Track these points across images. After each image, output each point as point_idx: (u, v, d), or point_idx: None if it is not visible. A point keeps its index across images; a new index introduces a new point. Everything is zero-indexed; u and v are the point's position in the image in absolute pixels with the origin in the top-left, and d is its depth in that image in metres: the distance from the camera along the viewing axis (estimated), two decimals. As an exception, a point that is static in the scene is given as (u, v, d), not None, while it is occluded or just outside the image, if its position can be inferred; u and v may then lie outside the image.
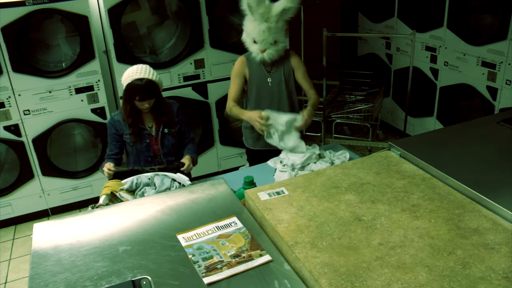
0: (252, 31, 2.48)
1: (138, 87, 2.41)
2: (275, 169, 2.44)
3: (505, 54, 3.39)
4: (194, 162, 2.62)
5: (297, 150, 2.45)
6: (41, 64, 3.49)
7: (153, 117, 2.57)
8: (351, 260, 1.19)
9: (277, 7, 2.43)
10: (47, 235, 1.37)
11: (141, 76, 2.42)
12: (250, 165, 2.83)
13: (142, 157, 2.59)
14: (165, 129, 2.59)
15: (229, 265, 1.20)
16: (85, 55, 3.48)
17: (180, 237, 1.32)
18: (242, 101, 2.83)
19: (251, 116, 2.51)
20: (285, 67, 2.62)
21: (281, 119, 2.48)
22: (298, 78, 2.66)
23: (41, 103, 3.47)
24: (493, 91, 3.55)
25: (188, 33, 3.75)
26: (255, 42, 2.50)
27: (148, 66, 2.49)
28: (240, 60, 2.66)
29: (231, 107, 2.64)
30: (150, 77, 2.44)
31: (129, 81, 2.43)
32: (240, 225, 1.37)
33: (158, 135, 2.58)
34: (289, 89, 2.66)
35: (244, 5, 2.44)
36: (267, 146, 2.72)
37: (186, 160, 2.55)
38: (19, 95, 3.39)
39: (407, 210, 1.41)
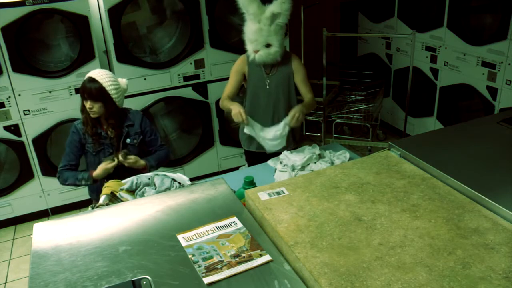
0: (247, 30, 2.50)
1: (83, 87, 2.44)
2: (275, 169, 2.44)
3: (505, 54, 3.39)
4: (146, 166, 2.55)
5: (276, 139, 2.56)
6: (41, 64, 3.49)
7: (108, 126, 2.55)
8: (351, 260, 1.19)
9: (268, 10, 2.43)
10: (47, 235, 1.37)
11: (94, 77, 2.44)
12: (249, 165, 2.83)
13: None
14: (127, 139, 2.57)
15: (229, 265, 1.20)
16: (85, 55, 3.48)
17: (180, 237, 1.32)
18: (241, 101, 2.82)
19: (233, 109, 2.48)
20: (285, 70, 2.61)
21: (267, 133, 2.59)
22: (297, 81, 2.64)
23: (41, 103, 3.47)
24: (493, 91, 3.55)
25: (188, 33, 3.75)
26: (250, 42, 2.51)
27: (111, 75, 2.49)
28: (242, 58, 2.67)
29: (223, 100, 2.64)
30: (101, 81, 2.43)
31: (84, 78, 2.48)
32: (240, 225, 1.37)
33: (119, 146, 2.55)
34: (287, 92, 2.65)
35: (240, 4, 2.46)
36: (258, 148, 2.72)
37: (121, 156, 2.47)
38: (19, 95, 3.39)
39: (407, 210, 1.41)
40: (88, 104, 2.44)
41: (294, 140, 2.76)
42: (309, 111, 2.72)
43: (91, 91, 2.42)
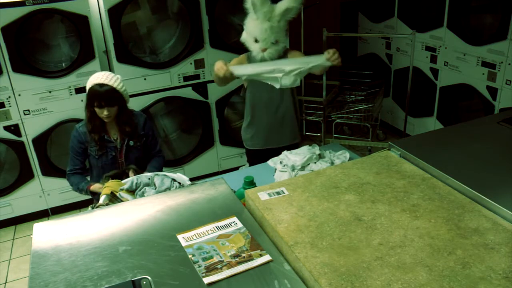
0: (254, 29, 2.48)
1: (98, 93, 2.35)
2: (275, 169, 2.44)
3: (505, 54, 3.39)
4: None
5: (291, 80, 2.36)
6: (41, 64, 3.49)
7: (118, 129, 2.52)
8: (351, 260, 1.19)
9: (280, 7, 2.44)
10: (47, 235, 1.37)
11: (103, 82, 2.37)
12: (250, 165, 2.83)
13: (107, 171, 2.49)
14: (130, 142, 2.54)
15: (229, 265, 1.20)
16: (85, 55, 3.48)
17: (180, 237, 1.32)
18: (242, 100, 2.82)
19: (217, 63, 2.43)
20: None
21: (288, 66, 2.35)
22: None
23: (41, 103, 3.47)
24: (493, 91, 3.55)
25: (188, 33, 3.75)
26: (256, 41, 2.50)
27: (114, 75, 2.45)
28: (242, 55, 2.68)
29: None
30: (112, 84, 2.38)
31: (90, 86, 2.39)
32: (240, 225, 1.37)
33: (122, 148, 2.53)
34: (290, 88, 2.65)
35: (248, 4, 2.45)
36: (264, 145, 2.72)
37: (131, 173, 2.39)
38: (19, 95, 3.39)
39: (407, 210, 1.41)
40: (105, 111, 2.37)
41: (301, 135, 2.77)
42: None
43: (107, 96, 2.35)
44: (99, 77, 2.40)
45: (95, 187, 2.46)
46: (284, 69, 2.34)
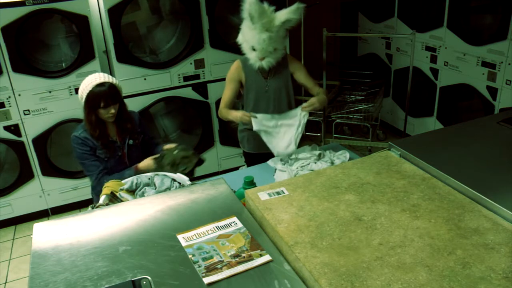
0: (252, 39, 2.42)
1: (102, 93, 2.29)
2: (275, 169, 2.44)
3: (505, 54, 3.39)
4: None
5: (287, 151, 2.47)
6: (41, 64, 3.50)
7: (116, 129, 2.48)
8: (351, 260, 1.19)
9: (279, 17, 2.38)
10: (47, 235, 1.37)
11: (102, 81, 2.32)
12: (248, 166, 2.82)
13: (116, 171, 2.48)
14: (130, 141, 2.51)
15: (229, 265, 1.20)
16: (85, 55, 3.48)
17: (180, 237, 1.32)
18: (238, 106, 2.81)
19: (237, 115, 2.54)
20: (283, 72, 2.60)
21: (283, 120, 2.49)
22: (301, 79, 2.63)
23: (41, 103, 3.47)
24: (493, 91, 3.55)
25: (188, 33, 3.75)
26: (253, 49, 2.45)
27: (105, 73, 2.41)
28: (236, 64, 2.62)
29: (221, 110, 2.65)
30: (111, 81, 2.35)
31: (90, 89, 2.31)
32: (240, 225, 1.37)
33: (124, 148, 2.50)
34: (287, 94, 2.64)
35: (245, 14, 2.38)
36: (262, 149, 2.71)
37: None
38: (19, 95, 3.39)
39: (407, 210, 1.41)
40: (111, 110, 2.33)
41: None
42: (324, 104, 2.69)
43: (111, 93, 2.31)
44: (96, 77, 2.36)
45: (143, 165, 2.43)
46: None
